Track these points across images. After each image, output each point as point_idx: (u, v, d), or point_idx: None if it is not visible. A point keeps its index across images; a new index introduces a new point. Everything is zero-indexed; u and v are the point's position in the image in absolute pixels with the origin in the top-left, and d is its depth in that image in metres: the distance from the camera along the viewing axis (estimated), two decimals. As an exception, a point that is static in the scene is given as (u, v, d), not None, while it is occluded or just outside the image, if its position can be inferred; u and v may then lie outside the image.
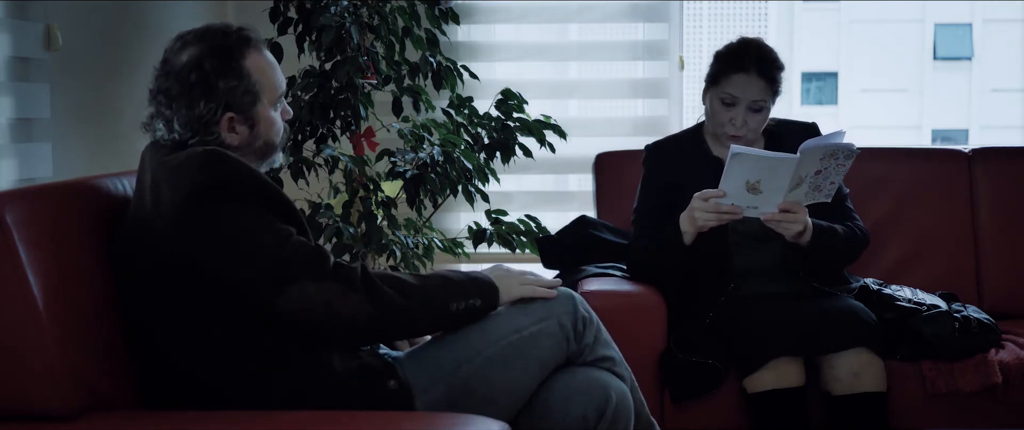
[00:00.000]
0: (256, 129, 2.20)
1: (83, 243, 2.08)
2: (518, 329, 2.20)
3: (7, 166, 2.96)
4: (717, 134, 3.04)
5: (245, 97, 2.16)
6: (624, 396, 2.27)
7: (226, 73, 2.15)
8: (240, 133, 2.18)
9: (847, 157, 2.76)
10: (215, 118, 2.15)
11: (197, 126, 2.14)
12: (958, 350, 2.90)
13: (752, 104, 2.96)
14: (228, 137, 2.17)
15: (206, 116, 2.14)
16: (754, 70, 2.95)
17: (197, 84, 2.13)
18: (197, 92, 2.13)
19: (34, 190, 2.05)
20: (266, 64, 2.21)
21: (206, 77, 2.13)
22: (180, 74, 2.15)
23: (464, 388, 2.17)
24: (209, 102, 2.14)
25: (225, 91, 2.14)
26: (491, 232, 3.80)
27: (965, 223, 3.52)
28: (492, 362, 2.18)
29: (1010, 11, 23.73)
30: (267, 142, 2.23)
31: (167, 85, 2.16)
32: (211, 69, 2.14)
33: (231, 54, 2.16)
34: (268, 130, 2.22)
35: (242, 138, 2.19)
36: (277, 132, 2.25)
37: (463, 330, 2.23)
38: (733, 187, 2.74)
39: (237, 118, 2.17)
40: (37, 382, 1.95)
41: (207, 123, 2.14)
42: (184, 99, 2.14)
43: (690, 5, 4.69)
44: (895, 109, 25.60)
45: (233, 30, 2.19)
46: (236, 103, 2.16)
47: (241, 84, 2.16)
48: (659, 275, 3.02)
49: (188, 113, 2.14)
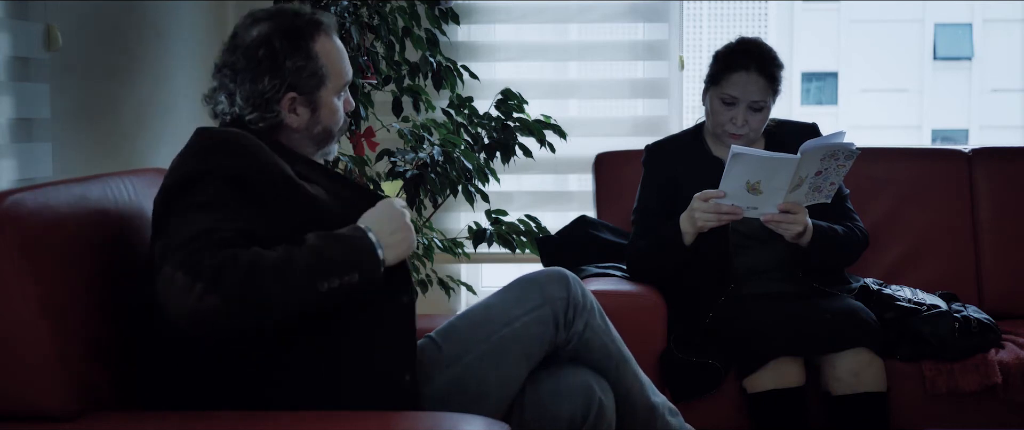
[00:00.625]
0: (317, 114, 2.20)
1: (83, 243, 2.08)
2: (509, 321, 2.21)
3: (7, 166, 2.95)
4: (718, 134, 3.04)
5: (310, 79, 2.17)
6: (606, 396, 2.27)
7: (294, 53, 2.15)
8: (301, 115, 2.18)
9: (847, 158, 2.76)
10: (278, 96, 2.15)
11: (259, 102, 2.15)
12: (958, 350, 2.91)
13: (753, 103, 2.96)
14: (288, 118, 2.17)
15: (269, 93, 2.14)
16: (754, 69, 2.95)
17: (264, 60, 2.14)
18: (263, 68, 2.14)
19: (34, 190, 2.04)
20: (335, 50, 2.22)
21: (274, 54, 2.14)
22: (248, 49, 2.15)
23: (458, 385, 2.17)
24: (273, 79, 2.14)
25: (291, 71, 2.15)
26: (491, 232, 3.80)
27: (965, 223, 3.52)
28: (484, 358, 2.18)
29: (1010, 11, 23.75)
30: (326, 129, 2.23)
31: (233, 59, 2.16)
32: (280, 47, 2.14)
33: (301, 35, 2.17)
34: (329, 116, 2.22)
35: (302, 121, 2.19)
36: (337, 121, 2.24)
37: (454, 323, 2.23)
38: (733, 187, 2.74)
39: (299, 99, 2.17)
40: (37, 382, 1.95)
41: (269, 100, 2.15)
42: (249, 74, 2.14)
43: (690, 5, 4.69)
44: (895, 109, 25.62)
45: (306, 12, 2.20)
46: (300, 84, 2.16)
47: (308, 66, 2.16)
48: (659, 275, 3.02)
49: (252, 88, 2.14)
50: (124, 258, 2.17)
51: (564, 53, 4.56)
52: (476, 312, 2.25)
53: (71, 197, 2.11)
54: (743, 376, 2.85)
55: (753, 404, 2.84)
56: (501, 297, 2.26)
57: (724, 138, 3.01)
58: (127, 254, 2.18)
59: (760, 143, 3.09)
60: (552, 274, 2.28)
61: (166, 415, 2.07)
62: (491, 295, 2.29)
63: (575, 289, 2.27)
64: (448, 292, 3.98)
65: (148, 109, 3.68)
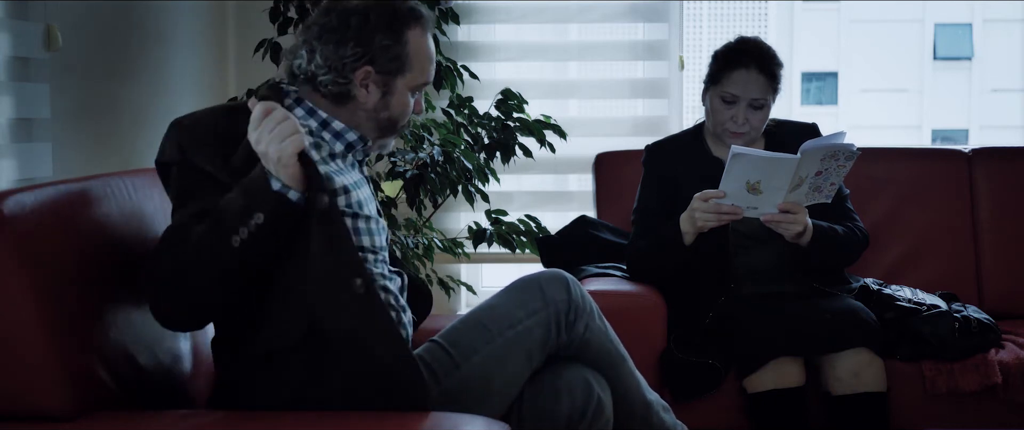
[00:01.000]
0: (388, 99, 2.20)
1: (83, 243, 2.08)
2: (513, 323, 2.21)
3: (7, 166, 2.95)
4: (718, 134, 3.04)
5: (392, 62, 2.17)
6: (605, 394, 2.28)
7: (387, 31, 2.16)
8: (371, 94, 2.18)
9: (848, 158, 2.76)
10: (355, 66, 2.15)
11: (336, 65, 2.15)
12: (958, 350, 2.90)
13: (753, 101, 2.96)
14: (358, 91, 2.18)
15: (349, 60, 2.14)
16: (754, 67, 2.95)
17: (355, 28, 2.14)
18: (351, 34, 2.14)
19: (34, 190, 2.04)
20: (426, 48, 2.22)
21: (367, 25, 2.15)
22: (343, 13, 2.16)
23: (464, 387, 2.17)
24: (357, 47, 2.14)
25: (378, 47, 2.15)
26: (491, 232, 3.80)
27: (965, 223, 3.52)
28: (488, 360, 2.19)
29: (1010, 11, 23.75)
30: (392, 118, 2.22)
31: (326, 20, 2.17)
32: (375, 21, 2.15)
33: (399, 18, 2.18)
34: (398, 106, 2.22)
35: (371, 100, 2.19)
36: (404, 114, 2.24)
37: (458, 326, 2.23)
38: (733, 187, 2.74)
39: (375, 77, 2.17)
40: (36, 382, 1.95)
41: (346, 67, 2.15)
42: (337, 35, 2.15)
43: (690, 5, 4.69)
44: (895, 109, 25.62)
45: (410, 1, 2.21)
46: (381, 62, 2.16)
47: (394, 48, 2.16)
48: (659, 275, 3.02)
49: (335, 50, 2.15)
50: (124, 258, 2.16)
51: (564, 53, 4.56)
52: (479, 314, 2.25)
53: (71, 197, 2.11)
54: (743, 376, 2.84)
55: (753, 404, 2.84)
56: (503, 299, 2.26)
57: (725, 137, 3.01)
58: (127, 254, 2.18)
59: (760, 143, 3.09)
60: (552, 277, 2.27)
61: (166, 415, 2.07)
62: (493, 296, 2.29)
63: (575, 291, 2.28)
64: (448, 292, 3.98)
65: (148, 109, 3.68)
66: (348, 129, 2.21)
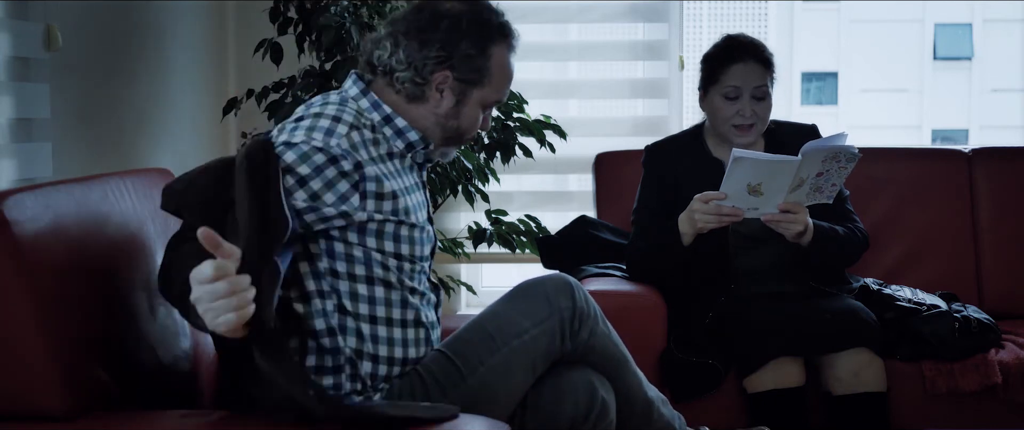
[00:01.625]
0: (460, 108, 2.20)
1: (83, 243, 2.08)
2: (519, 333, 2.20)
3: (7, 166, 2.95)
4: (724, 132, 3.02)
5: (472, 73, 2.18)
6: (608, 395, 2.27)
7: (474, 40, 2.16)
8: (445, 99, 2.19)
9: (849, 160, 2.76)
10: (436, 68, 2.16)
11: (417, 64, 2.15)
12: (958, 350, 2.91)
13: (755, 91, 2.97)
14: (433, 94, 2.18)
15: (430, 61, 2.15)
16: (750, 58, 2.97)
17: (443, 31, 2.15)
18: (439, 36, 2.15)
19: (34, 190, 2.04)
20: (507, 65, 2.23)
21: (456, 29, 2.15)
22: (436, 15, 2.16)
23: (470, 396, 2.17)
24: (442, 51, 2.15)
25: (462, 54, 2.16)
26: (491, 232, 3.80)
27: (965, 223, 3.52)
28: (495, 370, 2.18)
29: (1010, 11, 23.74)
30: (459, 129, 2.23)
31: (417, 17, 2.17)
32: (464, 29, 2.16)
33: (489, 31, 2.19)
34: (468, 118, 2.22)
35: (443, 106, 2.19)
36: (472, 127, 2.24)
37: (464, 336, 2.22)
38: (734, 189, 2.74)
39: (452, 83, 2.17)
40: (36, 382, 1.95)
41: (426, 67, 2.16)
42: (424, 34, 2.15)
43: (690, 5, 4.69)
44: (895, 109, 25.61)
45: (502, 17, 2.22)
46: (461, 70, 2.17)
47: (478, 60, 2.17)
48: (658, 276, 3.02)
49: (419, 49, 2.15)
50: (124, 258, 2.17)
51: (564, 53, 4.56)
52: (485, 323, 2.23)
53: (71, 197, 2.11)
54: (743, 376, 2.85)
55: (753, 404, 2.84)
56: (508, 306, 2.24)
57: (732, 136, 3.01)
58: (127, 254, 2.18)
59: (760, 144, 3.09)
60: (557, 283, 2.26)
61: (166, 414, 2.07)
62: (498, 302, 2.27)
63: (580, 297, 2.27)
64: (448, 292, 3.98)
65: (148, 109, 3.68)
66: (410, 128, 2.20)
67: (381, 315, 2.15)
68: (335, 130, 2.08)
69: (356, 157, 2.07)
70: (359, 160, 2.07)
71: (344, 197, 2.06)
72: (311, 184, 2.03)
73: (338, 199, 2.05)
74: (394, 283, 2.16)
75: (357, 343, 2.12)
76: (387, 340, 2.15)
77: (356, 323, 2.12)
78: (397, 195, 2.13)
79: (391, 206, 2.12)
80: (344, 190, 2.06)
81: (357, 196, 2.07)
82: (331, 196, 2.05)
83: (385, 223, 2.12)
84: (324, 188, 2.04)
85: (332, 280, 2.11)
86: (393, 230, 2.13)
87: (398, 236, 2.15)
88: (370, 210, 2.09)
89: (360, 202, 2.08)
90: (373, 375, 2.14)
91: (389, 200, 2.12)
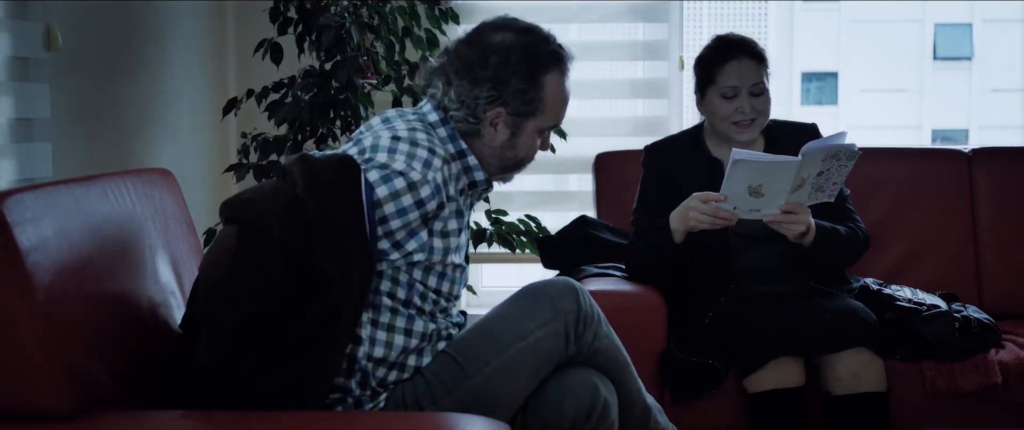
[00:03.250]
0: (515, 140, 2.22)
1: (83, 243, 2.08)
2: (523, 335, 2.20)
3: (7, 166, 2.95)
4: (725, 132, 3.02)
5: (525, 105, 2.18)
6: (610, 396, 2.28)
7: (524, 75, 2.17)
8: (500, 134, 2.20)
9: (849, 158, 2.76)
10: (488, 107, 2.17)
11: (470, 103, 2.17)
12: (958, 350, 2.90)
13: (753, 88, 2.97)
14: (487, 131, 2.19)
15: (482, 101, 2.16)
16: (744, 56, 2.98)
17: (493, 68, 2.15)
18: (490, 74, 2.15)
19: (34, 190, 2.04)
20: (561, 92, 2.23)
21: (505, 67, 2.16)
22: (486, 50, 2.17)
23: (473, 397, 2.17)
24: (492, 90, 2.16)
25: (513, 90, 2.17)
26: (491, 232, 3.80)
27: (965, 223, 3.52)
28: (500, 371, 2.18)
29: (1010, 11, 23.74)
30: (517, 159, 2.25)
31: (468, 52, 2.18)
32: (514, 63, 2.16)
33: (538, 62, 2.19)
34: (525, 147, 2.24)
35: (499, 140, 2.21)
36: (530, 155, 2.26)
37: (469, 337, 2.23)
38: (735, 191, 2.74)
39: (505, 118, 2.18)
40: (36, 381, 1.95)
41: (478, 107, 2.16)
42: (474, 72, 2.16)
43: (690, 5, 4.69)
44: (895, 109, 25.61)
45: (555, 42, 2.22)
46: (514, 106, 2.18)
47: (530, 92, 2.18)
48: (657, 275, 3.01)
49: (470, 88, 2.16)
50: (124, 258, 2.16)
51: (564, 53, 4.55)
52: (490, 324, 2.24)
53: (71, 197, 2.11)
54: (743, 376, 2.84)
55: (753, 404, 2.84)
56: (513, 309, 2.24)
57: (733, 135, 3.00)
58: (127, 254, 2.18)
59: (759, 143, 3.09)
60: (562, 286, 2.26)
61: (166, 414, 2.07)
62: (503, 305, 2.28)
63: (584, 301, 2.27)
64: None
65: (148, 109, 3.68)
66: (479, 167, 2.22)
67: (402, 326, 2.16)
68: (432, 163, 2.11)
69: (446, 193, 2.12)
70: (447, 197, 2.12)
71: (413, 232, 2.09)
72: (391, 223, 2.07)
73: (407, 235, 2.09)
74: (427, 312, 2.19)
75: (370, 348, 2.13)
76: (402, 349, 2.16)
77: (390, 335, 2.13)
78: (448, 235, 2.16)
79: (443, 244, 2.15)
80: (416, 226, 2.09)
81: (425, 231, 2.10)
82: (403, 232, 2.08)
83: (434, 263, 2.15)
84: (402, 228, 2.07)
85: (373, 297, 2.13)
86: (441, 269, 2.17)
87: (443, 274, 2.18)
88: (431, 247, 2.12)
89: (428, 239, 2.11)
90: (383, 381, 2.16)
91: (450, 237, 2.15)
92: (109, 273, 2.12)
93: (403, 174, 2.07)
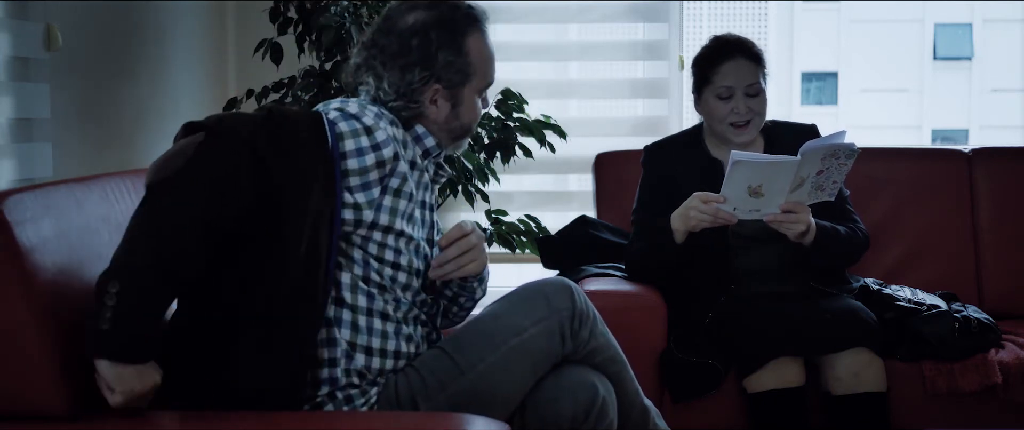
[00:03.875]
0: (457, 109, 2.23)
1: (83, 243, 2.08)
2: (518, 331, 2.20)
3: (7, 166, 2.96)
4: (723, 133, 3.02)
5: (457, 75, 2.20)
6: (609, 393, 2.27)
7: (447, 46, 2.19)
8: (441, 108, 2.22)
9: (848, 156, 2.76)
10: (423, 88, 2.19)
11: (404, 91, 2.18)
12: (958, 350, 2.90)
13: (748, 89, 2.97)
14: (429, 109, 2.21)
15: (416, 84, 2.18)
16: (739, 56, 2.98)
17: (417, 50, 2.17)
18: (415, 58, 2.17)
19: (34, 190, 2.04)
20: (486, 49, 2.26)
21: (428, 46, 2.17)
22: (403, 35, 2.18)
23: (468, 394, 2.16)
24: (423, 71, 2.18)
25: (442, 63, 2.18)
26: (491, 232, 3.80)
27: (965, 223, 3.52)
28: (495, 367, 2.18)
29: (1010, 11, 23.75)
30: (463, 125, 2.26)
31: (386, 41, 2.20)
32: (434, 38, 2.18)
33: (457, 29, 2.20)
34: (468, 113, 2.25)
35: (441, 114, 2.22)
36: (474, 118, 2.28)
37: (463, 333, 2.23)
38: (735, 192, 2.74)
39: (442, 92, 2.20)
40: (36, 382, 1.95)
41: (414, 91, 2.18)
42: (400, 61, 2.18)
43: (690, 5, 4.69)
44: (895, 109, 25.62)
45: (465, 7, 2.23)
46: (447, 78, 2.20)
47: (458, 61, 2.20)
48: (657, 275, 3.01)
49: (400, 77, 2.18)
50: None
51: (564, 53, 4.56)
52: (484, 322, 2.24)
53: (71, 197, 2.11)
54: (743, 376, 2.84)
55: (753, 404, 2.84)
56: (508, 307, 2.24)
57: (731, 135, 3.00)
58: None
59: (759, 143, 3.09)
60: (556, 285, 2.27)
61: (166, 414, 2.07)
62: (496, 303, 2.28)
63: (579, 299, 2.27)
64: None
65: (148, 109, 3.68)
66: (428, 134, 2.24)
67: (377, 309, 2.15)
68: (383, 117, 2.14)
69: (397, 148, 2.12)
70: (398, 152, 2.12)
71: (367, 184, 2.09)
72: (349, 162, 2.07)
73: (361, 184, 2.08)
74: (388, 288, 2.17)
75: (351, 335, 2.12)
76: (380, 333, 2.15)
77: (353, 315, 2.13)
78: (405, 197, 2.15)
79: (393, 204, 2.13)
80: (371, 176, 2.09)
81: (378, 189, 2.10)
82: (358, 178, 2.08)
83: (381, 227, 2.13)
84: (357, 173, 2.08)
85: (335, 272, 2.12)
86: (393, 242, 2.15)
87: (398, 250, 2.16)
88: (380, 204, 2.11)
89: (379, 196, 2.10)
90: (367, 367, 2.14)
91: (401, 199, 2.14)
92: (109, 273, 2.12)
93: (357, 117, 2.10)
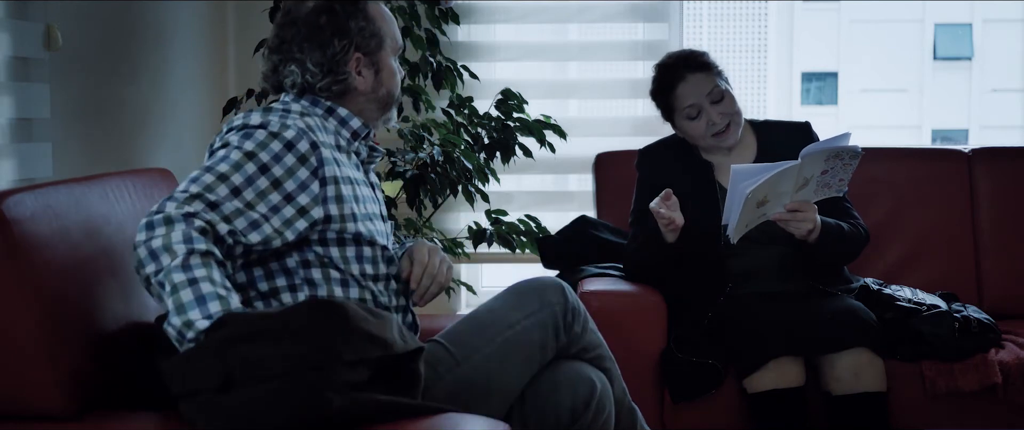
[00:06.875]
0: (380, 75, 2.27)
1: (83, 243, 2.08)
2: (511, 324, 2.23)
3: (7, 166, 2.95)
4: (706, 147, 3.07)
5: (372, 40, 2.25)
6: (606, 386, 2.30)
7: (354, 14, 2.23)
8: (366, 77, 2.25)
9: (852, 158, 2.76)
10: (346, 58, 2.22)
11: (330, 65, 2.21)
12: (958, 350, 2.90)
13: (711, 96, 2.99)
14: (356, 80, 2.24)
15: (338, 55, 2.21)
16: (688, 73, 3.01)
17: (327, 25, 2.21)
18: (328, 32, 2.21)
19: (34, 190, 2.05)
20: (386, 13, 2.30)
21: (336, 17, 2.21)
22: (308, 19, 2.22)
23: (466, 384, 2.19)
24: (341, 40, 2.21)
25: (355, 31, 2.22)
26: (491, 232, 3.80)
27: (965, 223, 3.52)
28: (490, 359, 2.21)
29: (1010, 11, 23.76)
30: (389, 92, 2.30)
31: (292, 32, 2.23)
32: (340, 10, 2.22)
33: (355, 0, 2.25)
34: (390, 79, 2.29)
35: (367, 83, 2.26)
36: (397, 83, 2.31)
37: (459, 327, 2.25)
38: (748, 218, 2.74)
39: (364, 60, 2.24)
40: (36, 382, 1.95)
41: (338, 63, 2.22)
42: (315, 40, 2.21)
43: (690, 5, 4.69)
44: (895, 109, 25.62)
45: None
46: (364, 44, 2.24)
47: (368, 26, 2.24)
48: (654, 276, 3.02)
49: (321, 53, 2.21)
50: (124, 258, 2.16)
51: (564, 53, 4.56)
52: (479, 316, 2.28)
53: (71, 197, 2.11)
54: (743, 376, 2.84)
55: (753, 404, 2.84)
56: (502, 302, 2.29)
57: (716, 144, 3.04)
58: (127, 254, 2.17)
59: (751, 145, 3.10)
60: (547, 282, 2.32)
61: (166, 414, 2.07)
62: (492, 299, 2.32)
63: (571, 297, 2.32)
64: (448, 293, 3.98)
65: (148, 109, 3.68)
66: (352, 116, 2.26)
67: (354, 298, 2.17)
68: (289, 116, 2.16)
69: (317, 136, 2.13)
70: (315, 140, 2.12)
71: (304, 184, 2.10)
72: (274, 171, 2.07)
73: (298, 187, 2.09)
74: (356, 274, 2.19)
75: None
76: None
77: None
78: (346, 182, 2.17)
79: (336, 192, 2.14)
80: (304, 176, 2.10)
81: (317, 183, 2.11)
82: (292, 183, 2.09)
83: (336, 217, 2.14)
84: (285, 174, 2.08)
85: (305, 271, 2.15)
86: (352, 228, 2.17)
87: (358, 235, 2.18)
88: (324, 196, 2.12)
89: (319, 190, 2.11)
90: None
91: (342, 185, 2.15)
92: (109, 273, 2.12)
93: (262, 126, 2.11)
